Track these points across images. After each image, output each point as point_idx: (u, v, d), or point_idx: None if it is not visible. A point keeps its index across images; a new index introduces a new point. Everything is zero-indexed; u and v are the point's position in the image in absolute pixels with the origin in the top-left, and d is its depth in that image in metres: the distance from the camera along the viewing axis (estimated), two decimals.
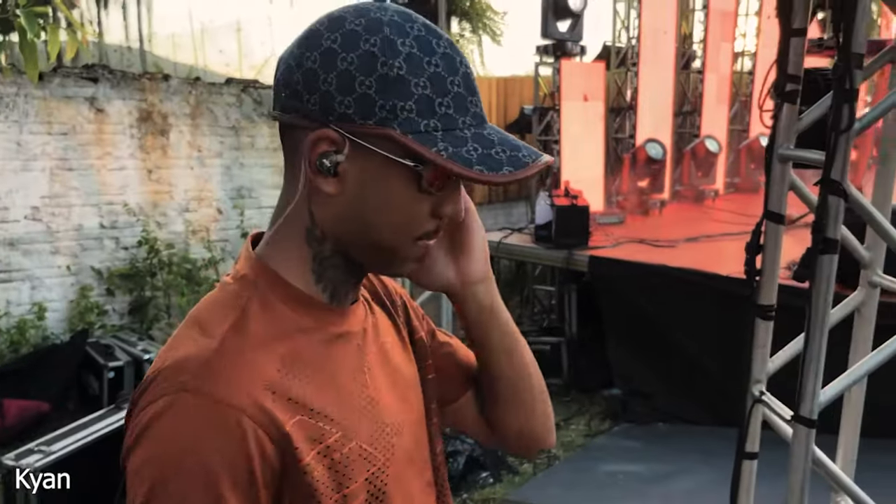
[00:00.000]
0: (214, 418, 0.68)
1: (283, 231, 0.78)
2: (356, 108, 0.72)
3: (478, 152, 0.72)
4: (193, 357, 0.70)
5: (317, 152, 0.73)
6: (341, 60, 0.72)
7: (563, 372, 5.10)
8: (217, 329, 0.73)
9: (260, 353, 0.73)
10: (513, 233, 5.25)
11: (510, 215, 7.55)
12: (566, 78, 5.66)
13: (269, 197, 6.10)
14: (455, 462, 3.84)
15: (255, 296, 0.76)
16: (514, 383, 0.93)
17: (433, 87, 0.72)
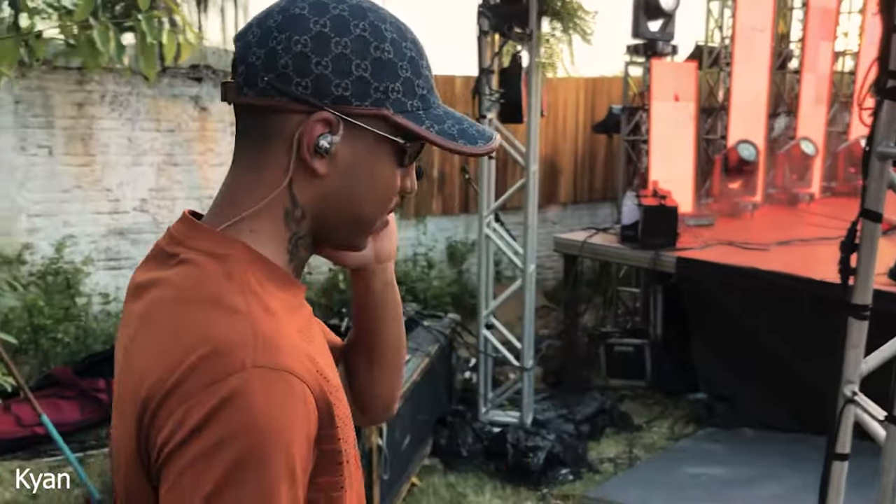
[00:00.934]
0: (295, 393, 0.69)
1: (259, 214, 0.79)
2: (353, 91, 0.76)
3: (456, 128, 0.81)
4: (248, 332, 0.70)
5: (314, 134, 0.76)
6: (335, 44, 0.75)
7: (647, 374, 5.05)
8: (243, 307, 0.73)
9: (288, 326, 0.75)
10: (598, 232, 5.24)
11: (595, 216, 7.50)
12: (656, 77, 5.61)
13: None
14: (535, 457, 3.88)
15: (250, 275, 0.76)
16: (397, 350, 1.03)
17: (412, 69, 0.79)
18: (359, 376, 1.03)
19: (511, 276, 6.71)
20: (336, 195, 0.80)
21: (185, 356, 0.69)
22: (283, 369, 0.69)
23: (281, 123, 0.77)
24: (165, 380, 0.69)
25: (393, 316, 1.01)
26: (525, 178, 4.18)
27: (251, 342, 0.69)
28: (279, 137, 0.77)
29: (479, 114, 4.13)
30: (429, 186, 6.54)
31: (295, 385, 0.69)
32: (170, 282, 0.77)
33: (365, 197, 0.81)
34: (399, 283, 4.14)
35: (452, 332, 4.35)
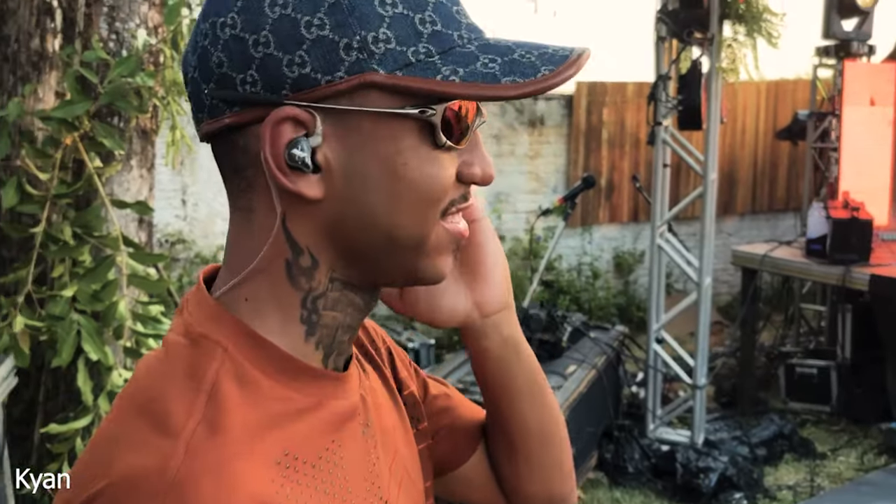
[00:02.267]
0: None
1: (255, 276, 0.56)
2: (314, 63, 0.51)
3: (498, 62, 0.52)
4: (153, 473, 0.47)
5: (280, 144, 0.52)
6: (271, 7, 0.51)
7: (832, 399, 4.69)
8: (178, 424, 0.49)
9: (247, 462, 0.49)
10: (780, 245, 4.93)
11: (776, 227, 7.08)
12: (850, 80, 5.20)
13: (525, 202, 6.30)
14: (706, 479, 3.72)
15: (224, 366, 0.53)
16: (543, 434, 0.74)
17: (403, 1, 0.52)
18: (502, 471, 0.76)
19: (681, 289, 6.48)
20: (349, 219, 0.54)
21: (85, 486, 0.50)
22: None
23: (247, 144, 0.54)
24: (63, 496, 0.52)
25: (528, 387, 0.71)
26: (703, 187, 4.02)
27: (153, 488, 0.47)
28: (253, 163, 0.54)
29: (654, 120, 4.03)
30: (596, 195, 6.45)
31: None
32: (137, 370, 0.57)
33: (391, 207, 0.54)
34: (563, 293, 4.16)
35: (620, 345, 4.27)
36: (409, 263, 0.57)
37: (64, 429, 2.33)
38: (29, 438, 2.93)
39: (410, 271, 0.57)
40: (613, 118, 6.41)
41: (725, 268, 6.69)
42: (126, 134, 2.83)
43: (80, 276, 2.45)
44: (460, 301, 0.66)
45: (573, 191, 3.20)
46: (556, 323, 3.93)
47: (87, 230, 2.53)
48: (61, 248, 2.46)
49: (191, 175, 5.35)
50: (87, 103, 2.40)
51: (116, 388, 2.46)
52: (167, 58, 2.63)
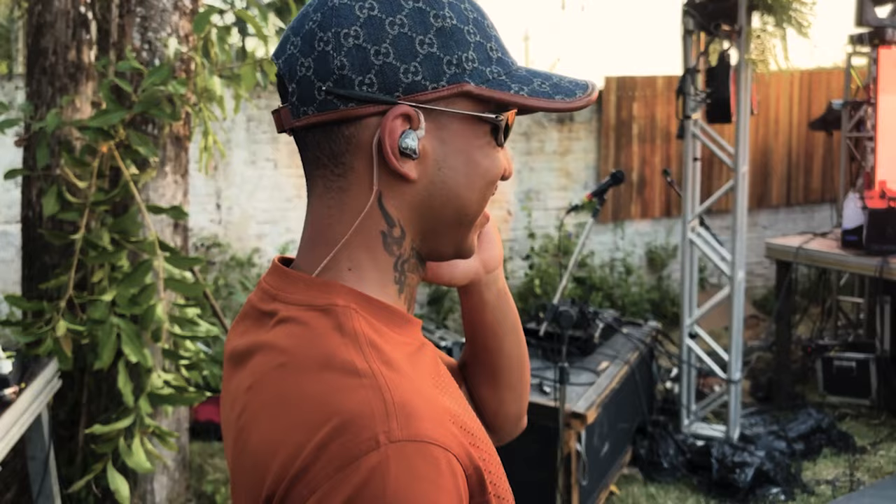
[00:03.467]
0: (437, 465, 0.57)
1: (353, 247, 0.68)
2: (424, 72, 0.65)
3: (548, 83, 0.69)
4: (377, 401, 0.58)
5: (396, 134, 0.65)
6: (391, 25, 0.64)
7: (872, 392, 4.61)
8: (364, 367, 0.61)
9: (422, 383, 0.64)
10: (815, 237, 4.86)
11: (812, 219, 6.97)
12: (885, 68, 5.11)
13: (555, 199, 6.29)
14: (743, 474, 3.68)
15: (362, 323, 0.65)
16: (520, 363, 0.92)
17: (479, 32, 0.68)
18: (484, 398, 0.91)
19: (716, 283, 6.42)
20: (434, 197, 0.68)
21: (309, 435, 0.58)
22: (425, 440, 0.57)
23: (353, 134, 0.66)
24: (289, 464, 0.58)
25: (512, 327, 0.90)
26: (734, 180, 3.99)
27: (382, 411, 0.58)
28: (355, 151, 0.67)
29: (683, 114, 4.00)
30: (627, 190, 6.42)
31: (440, 458, 0.57)
32: (274, 346, 0.66)
33: (467, 190, 0.69)
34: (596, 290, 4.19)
35: (653, 341, 4.24)
36: (462, 236, 0.72)
37: (107, 429, 2.40)
38: (74, 439, 3.02)
39: (461, 243, 0.73)
40: (643, 112, 6.37)
41: (760, 261, 6.62)
42: (160, 141, 2.90)
43: (119, 280, 2.51)
44: (472, 262, 0.83)
45: (602, 186, 3.20)
46: (587, 319, 3.92)
47: (125, 236, 2.60)
48: (100, 254, 2.53)
49: (225, 179, 5.44)
50: (122, 112, 2.46)
51: (156, 389, 2.52)
52: (198, 65, 2.69)
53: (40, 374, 2.42)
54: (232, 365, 0.72)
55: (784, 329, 4.75)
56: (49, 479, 2.55)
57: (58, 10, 2.87)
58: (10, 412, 2.16)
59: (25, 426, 2.29)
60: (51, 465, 2.57)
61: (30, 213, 2.97)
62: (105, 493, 2.65)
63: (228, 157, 5.40)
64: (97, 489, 2.73)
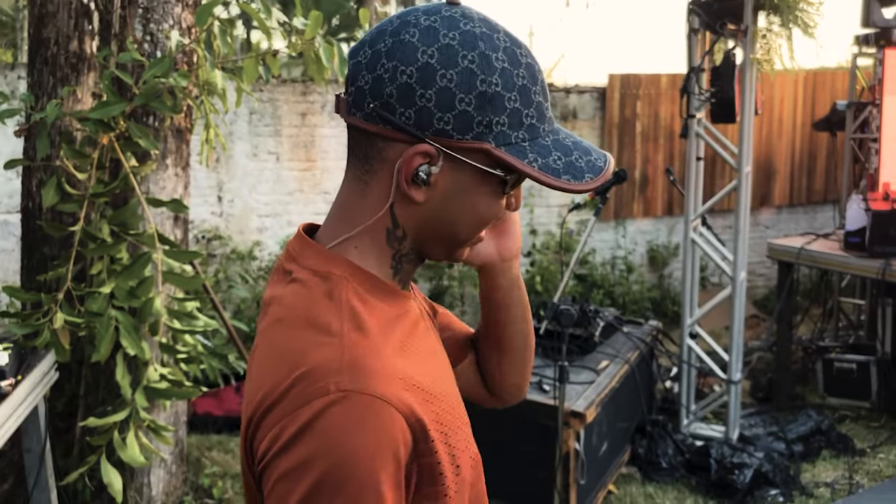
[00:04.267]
0: (378, 416, 0.70)
1: (363, 232, 0.82)
2: (455, 125, 0.75)
3: (562, 161, 0.78)
4: (335, 358, 0.72)
5: (413, 165, 0.76)
6: (440, 77, 0.74)
7: (872, 394, 4.59)
8: (336, 327, 0.75)
9: (384, 346, 0.76)
10: (817, 238, 4.84)
11: (814, 220, 6.95)
12: (891, 69, 5.08)
13: (557, 196, 6.27)
14: (741, 475, 3.67)
15: (350, 291, 0.78)
16: (524, 341, 1.06)
17: (521, 99, 0.77)
18: (488, 366, 1.08)
19: (717, 282, 6.40)
20: (433, 220, 0.81)
21: (283, 378, 0.73)
22: (369, 393, 0.70)
23: (384, 149, 0.78)
24: (265, 398, 0.73)
25: (521, 314, 1.04)
26: (737, 180, 3.97)
27: (337, 367, 0.71)
28: (382, 161, 0.79)
29: (687, 113, 3.98)
30: (629, 188, 6.40)
31: (381, 410, 0.70)
32: (283, 300, 0.81)
33: (463, 223, 0.82)
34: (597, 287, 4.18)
35: (653, 340, 4.23)
36: (452, 250, 0.86)
37: (102, 422, 2.39)
38: (70, 431, 3.01)
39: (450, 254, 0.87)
40: (647, 111, 6.34)
41: (762, 261, 6.60)
42: (161, 133, 2.88)
43: (118, 273, 2.50)
44: (488, 248, 0.98)
45: (604, 185, 3.18)
46: (588, 318, 3.91)
47: (124, 228, 2.58)
48: (99, 246, 2.51)
49: (226, 172, 5.42)
50: (123, 104, 2.45)
51: (152, 382, 2.51)
52: (200, 58, 2.67)
53: (37, 366, 2.42)
54: (262, 311, 0.87)
55: (785, 330, 4.74)
56: (45, 471, 2.55)
57: (60, 1, 2.85)
58: (7, 404, 2.15)
59: (22, 418, 2.28)
60: (47, 458, 2.57)
61: (29, 203, 2.96)
62: (100, 486, 2.64)
63: (230, 150, 5.38)
64: (91, 482, 2.72)
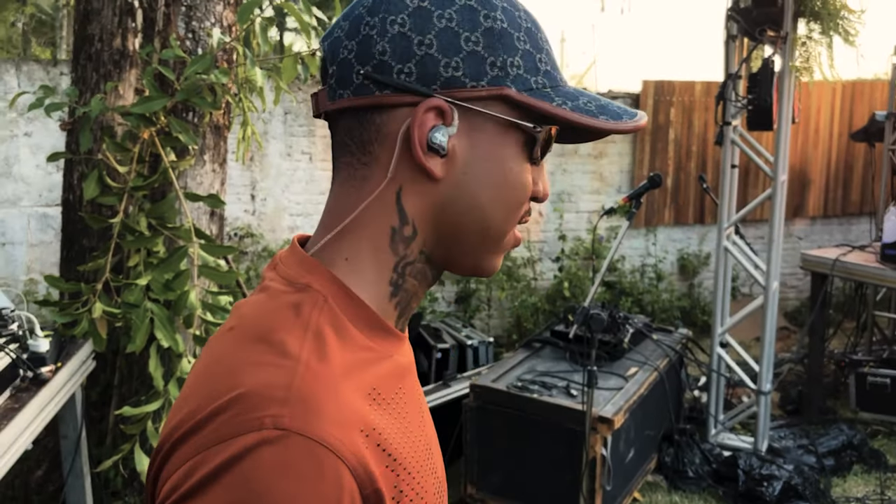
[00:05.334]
0: (319, 467, 0.53)
1: (354, 236, 0.66)
2: (465, 69, 0.62)
3: (594, 104, 0.66)
4: (282, 384, 0.56)
5: (426, 127, 0.62)
6: (438, 18, 0.62)
7: None
8: (294, 350, 0.59)
9: (350, 388, 0.59)
10: (853, 250, 4.77)
11: (849, 231, 6.85)
12: None
13: (587, 201, 6.25)
14: (770, 487, 3.63)
15: (324, 314, 0.62)
16: None
17: (530, 41, 0.65)
18: None
19: (748, 292, 6.33)
20: (456, 202, 0.65)
21: (211, 399, 0.57)
22: (314, 438, 0.54)
23: (385, 122, 0.64)
24: (187, 420, 0.57)
25: None
26: (772, 189, 3.93)
27: (281, 397, 0.55)
28: (383, 140, 0.64)
29: (723, 120, 3.95)
30: (661, 195, 6.36)
31: (325, 461, 0.53)
32: (241, 308, 0.66)
33: (491, 202, 0.65)
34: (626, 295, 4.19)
35: (683, 348, 4.20)
36: (483, 255, 0.68)
37: (136, 411, 2.43)
38: (105, 420, 3.07)
39: (479, 263, 0.69)
40: (680, 118, 6.30)
41: (794, 272, 6.52)
42: (200, 129, 2.93)
43: (154, 265, 2.54)
44: None
45: (639, 190, 3.16)
46: (617, 324, 3.89)
47: (162, 221, 2.63)
48: (137, 239, 2.56)
49: (260, 171, 5.48)
50: (164, 99, 2.49)
51: (185, 374, 2.55)
52: (240, 55, 2.71)
53: (75, 355, 2.46)
54: None
55: (817, 342, 4.67)
56: (80, 458, 2.60)
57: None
58: (46, 390, 2.20)
59: (60, 405, 2.33)
60: (82, 445, 2.62)
61: (70, 196, 3.02)
62: (132, 474, 2.69)
63: (265, 149, 5.44)
64: (125, 470, 2.77)
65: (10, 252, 5.08)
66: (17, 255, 5.09)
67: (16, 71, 4.97)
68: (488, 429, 3.38)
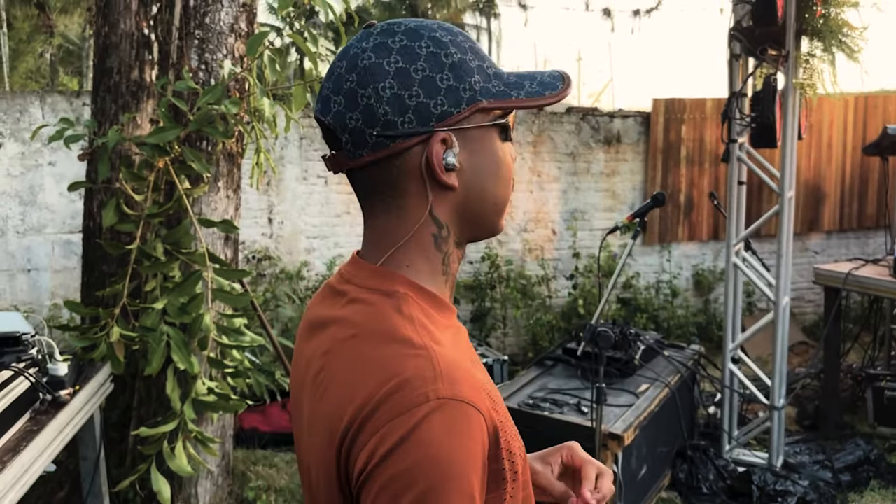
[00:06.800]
0: (471, 422, 0.72)
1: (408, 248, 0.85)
2: (448, 101, 0.81)
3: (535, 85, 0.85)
4: (429, 367, 0.74)
5: (440, 155, 0.81)
6: (415, 72, 0.80)
7: None
8: (418, 341, 0.77)
9: (461, 358, 0.79)
10: (867, 264, 4.76)
11: (865, 245, 6.82)
12: None
13: (601, 219, 6.29)
14: (785, 503, 3.62)
15: (415, 308, 0.81)
16: None
17: (476, 57, 0.84)
18: None
19: (764, 308, 6.31)
20: (472, 198, 0.85)
21: (374, 390, 0.74)
22: (462, 400, 0.73)
23: (404, 162, 0.82)
24: (358, 413, 0.74)
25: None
26: (779, 205, 3.95)
27: (431, 375, 0.73)
28: (407, 176, 0.82)
29: (728, 138, 3.99)
30: (674, 212, 6.38)
31: (472, 415, 0.73)
32: (347, 320, 0.82)
33: (495, 184, 0.86)
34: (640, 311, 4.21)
35: (695, 364, 4.21)
36: (495, 220, 0.89)
37: (153, 432, 2.50)
38: (124, 442, 3.14)
39: (494, 226, 0.90)
40: (692, 135, 6.33)
41: (810, 287, 6.49)
42: (213, 157, 3.02)
43: (170, 290, 2.62)
44: None
45: (643, 208, 3.20)
46: (628, 341, 3.92)
47: (177, 247, 2.71)
48: (153, 264, 2.64)
49: (277, 195, 5.59)
50: (178, 130, 2.58)
51: (201, 395, 2.62)
52: (251, 86, 2.80)
53: (94, 378, 2.54)
54: (307, 333, 0.90)
55: (832, 356, 4.66)
56: (99, 478, 2.67)
57: (123, 32, 3.03)
58: (65, 412, 2.28)
59: (79, 426, 2.41)
60: (101, 465, 2.69)
61: (90, 223, 3.12)
62: (150, 495, 2.75)
63: (281, 174, 5.55)
64: (142, 491, 2.84)
65: (35, 278, 5.21)
66: (42, 281, 5.22)
67: (40, 103, 5.13)
68: None
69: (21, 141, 5.07)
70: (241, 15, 3.09)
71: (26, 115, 5.08)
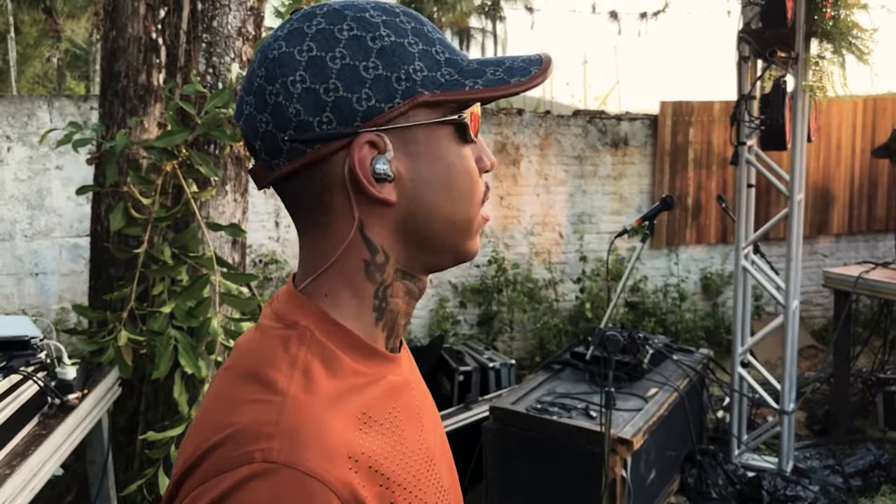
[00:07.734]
0: (309, 499, 0.57)
1: (333, 275, 0.69)
2: (376, 95, 0.64)
3: (501, 71, 0.68)
4: (270, 420, 0.60)
5: (366, 163, 0.65)
6: (332, 60, 0.64)
7: None
8: (282, 385, 0.62)
9: (336, 416, 0.62)
10: (877, 267, 4.73)
11: (875, 248, 6.78)
12: None
13: (608, 223, 6.27)
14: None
15: (313, 346, 0.66)
16: None
17: (421, 40, 0.67)
18: None
19: (772, 311, 6.28)
20: (417, 215, 0.68)
21: (208, 437, 0.61)
22: (299, 469, 0.57)
23: (327, 173, 0.66)
24: (189, 458, 0.62)
25: None
26: (789, 208, 3.93)
27: (269, 431, 0.59)
28: (332, 188, 0.67)
29: (737, 140, 3.97)
30: (682, 215, 6.36)
31: (314, 492, 0.57)
32: (238, 348, 0.70)
33: (449, 198, 0.69)
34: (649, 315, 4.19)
35: (704, 368, 4.19)
36: (459, 244, 0.71)
37: (160, 436, 2.49)
38: (131, 445, 3.14)
39: (458, 251, 0.72)
40: (700, 137, 6.31)
41: (819, 290, 6.46)
42: (221, 161, 3.02)
43: (178, 293, 2.62)
44: None
45: (651, 212, 3.19)
46: (636, 345, 3.90)
47: (185, 251, 2.71)
48: (161, 268, 2.64)
49: None
50: (186, 133, 2.58)
51: None
52: None
53: (102, 381, 2.54)
54: None
55: (842, 360, 4.63)
56: (107, 482, 2.67)
57: (130, 36, 3.03)
58: (73, 416, 2.28)
59: (87, 430, 2.40)
60: (109, 470, 2.69)
61: (98, 227, 3.12)
62: (158, 499, 2.75)
63: None
64: (150, 494, 2.83)
65: (42, 282, 5.22)
66: (50, 284, 5.23)
67: (48, 107, 5.14)
68: (508, 451, 3.40)
69: (29, 145, 5.08)
70: (248, 19, 3.09)
71: (34, 119, 5.09)
